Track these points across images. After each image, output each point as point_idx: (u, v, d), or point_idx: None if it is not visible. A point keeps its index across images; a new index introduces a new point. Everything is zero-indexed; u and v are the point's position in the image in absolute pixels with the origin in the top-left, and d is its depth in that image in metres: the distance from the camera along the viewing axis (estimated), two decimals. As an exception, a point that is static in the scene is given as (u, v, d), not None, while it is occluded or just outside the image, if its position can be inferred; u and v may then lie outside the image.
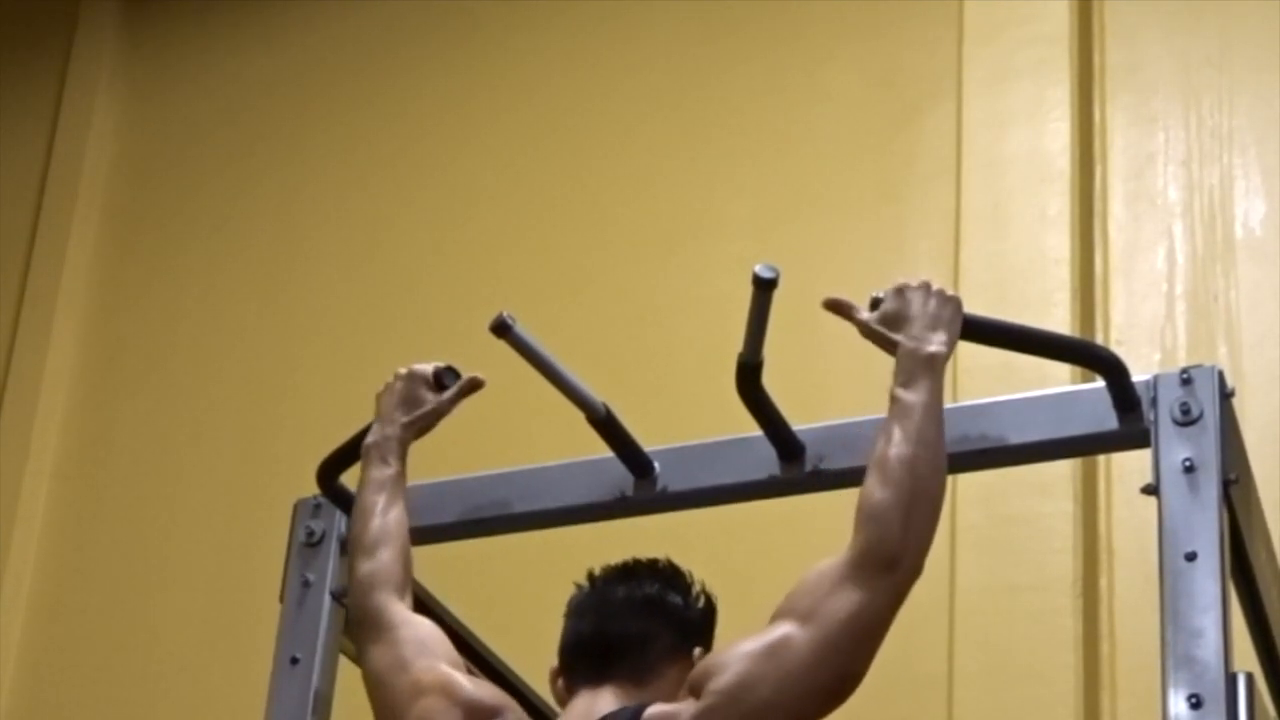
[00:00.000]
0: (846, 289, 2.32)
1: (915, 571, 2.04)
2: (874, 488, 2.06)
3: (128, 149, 5.08)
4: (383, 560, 2.36)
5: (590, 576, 2.35)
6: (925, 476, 2.06)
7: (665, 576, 2.32)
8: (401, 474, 2.47)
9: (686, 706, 2.02)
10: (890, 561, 2.01)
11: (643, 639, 2.23)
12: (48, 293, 4.90)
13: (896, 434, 2.08)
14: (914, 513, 2.04)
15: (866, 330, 2.23)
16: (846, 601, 1.99)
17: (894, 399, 2.12)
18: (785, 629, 2.01)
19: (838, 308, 2.26)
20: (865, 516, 2.05)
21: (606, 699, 2.18)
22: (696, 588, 2.32)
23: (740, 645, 2.03)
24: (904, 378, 2.14)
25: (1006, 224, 3.78)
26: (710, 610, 2.34)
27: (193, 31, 5.13)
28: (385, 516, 2.41)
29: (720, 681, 1.99)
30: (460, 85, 4.67)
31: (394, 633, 2.28)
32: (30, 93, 5.22)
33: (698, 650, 2.25)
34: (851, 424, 2.41)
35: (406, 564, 2.39)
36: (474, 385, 2.49)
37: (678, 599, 2.29)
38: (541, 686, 2.46)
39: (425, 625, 2.32)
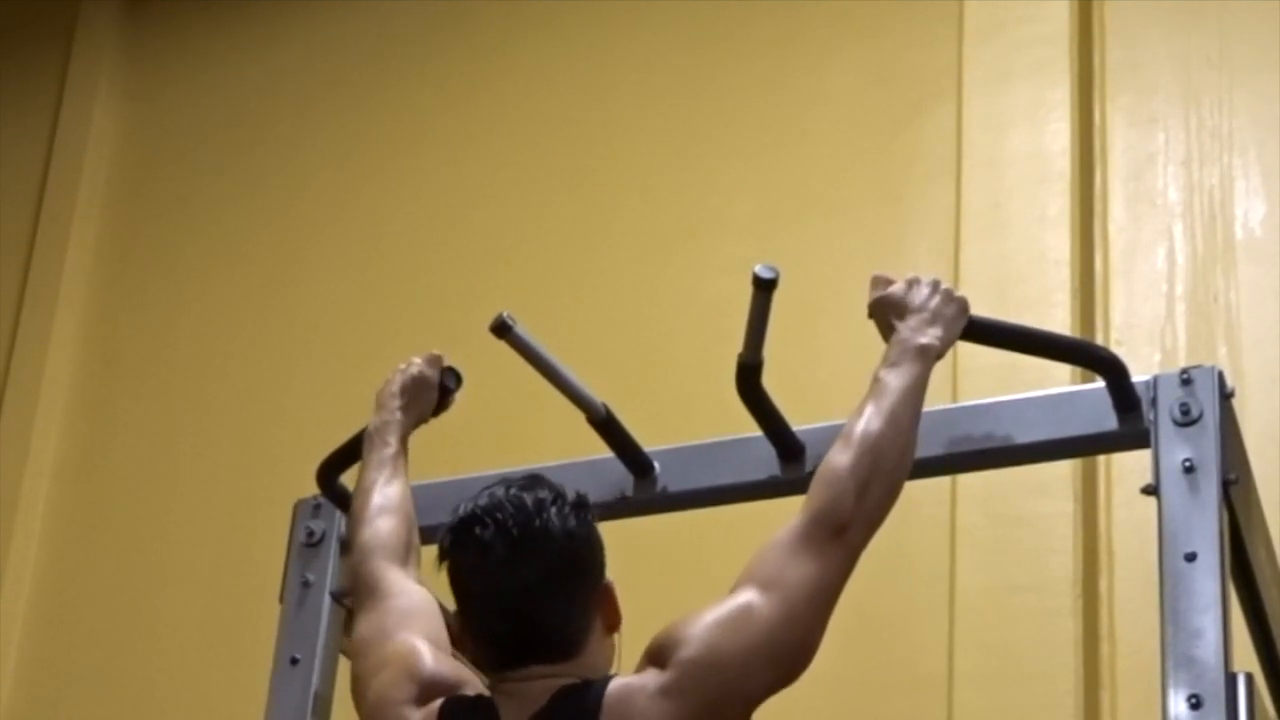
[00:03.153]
0: (846, 289, 2.33)
1: (861, 544, 2.05)
2: (834, 454, 2.08)
3: (128, 149, 5.08)
4: (383, 527, 2.33)
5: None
6: (888, 455, 2.08)
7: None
8: (401, 453, 2.47)
9: (651, 678, 1.98)
10: (839, 528, 2.03)
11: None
12: (48, 293, 4.90)
13: (868, 409, 2.12)
14: (870, 486, 2.06)
15: (872, 309, 2.27)
16: (804, 570, 2.01)
17: (875, 379, 2.16)
18: (747, 598, 2.00)
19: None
20: (820, 481, 2.08)
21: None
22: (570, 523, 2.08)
23: (703, 616, 2.00)
24: (890, 361, 2.18)
25: (1006, 224, 3.77)
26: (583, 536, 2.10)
27: (193, 31, 5.13)
28: (386, 489, 2.40)
29: (687, 653, 1.96)
30: (460, 85, 4.67)
31: (384, 602, 2.22)
32: (30, 93, 5.22)
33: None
34: (851, 424, 2.41)
35: (409, 533, 2.35)
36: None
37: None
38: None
39: (417, 595, 2.24)
